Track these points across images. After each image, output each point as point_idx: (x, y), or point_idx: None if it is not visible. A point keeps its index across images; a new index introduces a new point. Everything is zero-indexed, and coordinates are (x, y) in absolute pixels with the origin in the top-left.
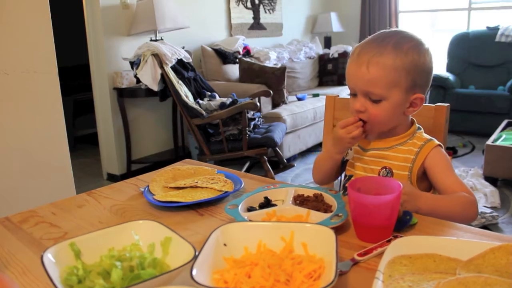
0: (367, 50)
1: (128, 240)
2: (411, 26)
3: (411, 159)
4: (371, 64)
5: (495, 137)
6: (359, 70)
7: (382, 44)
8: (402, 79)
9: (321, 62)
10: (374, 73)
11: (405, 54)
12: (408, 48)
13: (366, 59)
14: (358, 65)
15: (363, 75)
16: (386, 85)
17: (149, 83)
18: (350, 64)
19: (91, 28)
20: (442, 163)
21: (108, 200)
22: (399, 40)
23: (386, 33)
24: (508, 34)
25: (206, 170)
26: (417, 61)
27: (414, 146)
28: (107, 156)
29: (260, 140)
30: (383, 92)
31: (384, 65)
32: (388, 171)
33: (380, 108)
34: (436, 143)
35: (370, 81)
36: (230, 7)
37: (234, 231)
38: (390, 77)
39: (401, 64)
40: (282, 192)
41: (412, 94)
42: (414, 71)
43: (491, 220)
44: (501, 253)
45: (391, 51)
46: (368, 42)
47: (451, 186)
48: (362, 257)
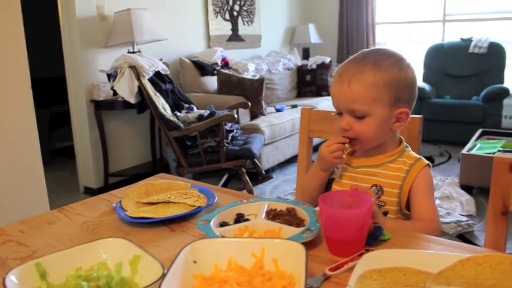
0: (348, 70)
1: (96, 259)
2: (388, 38)
3: (401, 177)
4: (352, 82)
5: (470, 146)
6: (341, 89)
7: (362, 62)
8: (384, 94)
9: (300, 73)
10: (356, 90)
11: (385, 71)
12: (388, 65)
13: (347, 78)
14: (340, 84)
15: (345, 93)
16: (368, 102)
17: (126, 96)
18: (333, 85)
19: (68, 39)
20: (425, 186)
21: (80, 217)
22: (379, 57)
23: (366, 52)
24: (480, 45)
25: (180, 184)
26: (398, 76)
27: (404, 164)
28: (84, 169)
29: (238, 152)
30: (366, 108)
31: (365, 82)
32: (379, 189)
33: (365, 124)
34: (425, 163)
35: (353, 99)
36: (208, 18)
37: (204, 248)
38: (372, 93)
39: (381, 80)
40: (255, 206)
41: (397, 108)
42: (395, 86)
43: (467, 228)
44: (470, 265)
45: (371, 69)
46: (349, 62)
47: (423, 211)
48: (333, 272)
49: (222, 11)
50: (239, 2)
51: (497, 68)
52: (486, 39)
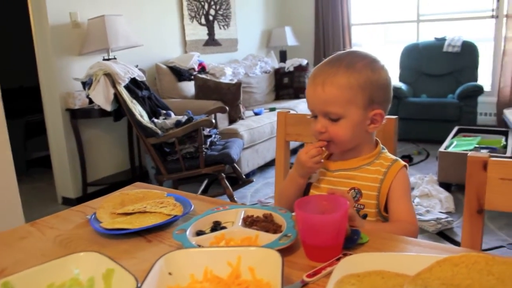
0: (322, 72)
1: (68, 274)
2: (364, 39)
3: (379, 179)
4: (326, 84)
5: (447, 144)
6: (315, 92)
7: (336, 65)
8: (358, 96)
9: (277, 76)
10: (329, 92)
11: (359, 72)
12: (361, 66)
13: (321, 81)
14: (314, 86)
15: (319, 95)
16: (342, 104)
17: (102, 103)
18: (307, 87)
19: (41, 47)
20: (402, 187)
21: (53, 231)
22: (353, 59)
23: (340, 54)
24: (454, 44)
25: (156, 193)
26: (372, 78)
27: (382, 166)
28: (61, 179)
29: (217, 157)
30: (340, 110)
31: (339, 85)
32: (357, 192)
33: (340, 126)
34: (402, 164)
35: (327, 101)
36: (184, 23)
37: (179, 258)
38: (346, 95)
39: (355, 82)
40: (232, 213)
41: (371, 110)
42: (369, 88)
43: (447, 225)
44: (447, 266)
45: (345, 71)
46: (323, 64)
47: (401, 213)
48: (311, 278)
49: (198, 15)
50: (215, 6)
51: (471, 67)
52: (459, 38)
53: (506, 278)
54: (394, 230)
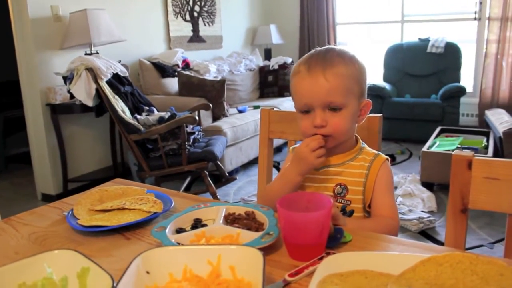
0: (317, 64)
1: (41, 273)
2: (348, 38)
3: (364, 174)
4: (327, 74)
5: (430, 144)
6: (316, 83)
7: (327, 56)
8: (354, 86)
9: (262, 74)
10: (333, 81)
11: (351, 63)
12: (349, 58)
13: (320, 71)
14: (314, 78)
15: (322, 86)
16: (344, 93)
17: (83, 99)
18: (302, 80)
19: (20, 41)
20: (385, 182)
21: (28, 227)
22: (339, 52)
23: (323, 48)
24: (437, 45)
25: (136, 190)
26: (359, 69)
27: (365, 161)
28: (41, 175)
29: (200, 155)
30: (343, 99)
31: (341, 74)
32: (343, 188)
33: (341, 116)
34: (384, 157)
35: (330, 90)
36: (168, 19)
37: (157, 257)
38: (347, 84)
39: (351, 73)
40: (213, 211)
41: (362, 101)
42: (360, 78)
43: (429, 225)
44: (431, 265)
45: (341, 61)
46: (313, 57)
47: (383, 208)
48: (293, 277)
49: (182, 11)
50: (200, 2)
51: (454, 67)
52: (443, 39)
53: (490, 278)
54: (375, 226)
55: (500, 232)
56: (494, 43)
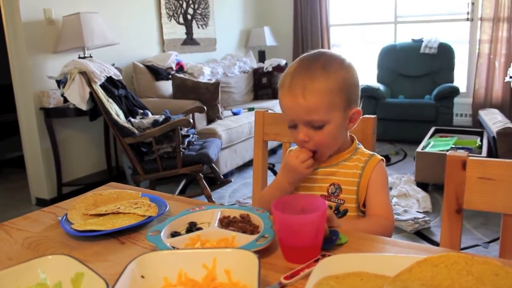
0: (297, 79)
1: (35, 279)
2: (342, 39)
3: (358, 174)
4: (306, 92)
5: (424, 144)
6: (295, 101)
7: (311, 69)
8: (338, 99)
9: (256, 76)
10: (311, 100)
11: (335, 74)
12: (336, 67)
13: (299, 89)
14: (293, 96)
15: (300, 105)
16: (325, 110)
17: (77, 102)
18: (283, 97)
19: (13, 45)
20: (380, 182)
21: (21, 233)
22: (326, 61)
23: (311, 56)
24: (431, 46)
25: (130, 194)
26: (346, 78)
27: (359, 161)
28: (35, 180)
29: (194, 157)
30: (324, 117)
31: (319, 91)
32: (337, 187)
33: (324, 133)
34: (379, 158)
35: (309, 109)
36: (162, 22)
37: (152, 261)
38: (328, 100)
39: (334, 85)
40: (208, 214)
41: (350, 110)
42: (346, 88)
43: (424, 225)
44: (426, 266)
45: (322, 75)
46: (296, 70)
47: (378, 207)
48: (289, 280)
49: (176, 14)
50: (193, 5)
51: (447, 68)
52: (436, 39)
53: (486, 278)
54: (369, 227)
55: (495, 231)
56: (487, 43)
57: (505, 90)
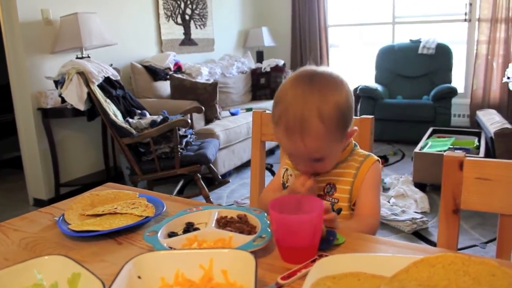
0: (294, 122)
1: (31, 280)
2: (340, 40)
3: (353, 174)
4: (305, 137)
5: (422, 145)
6: (294, 144)
7: (306, 110)
8: (337, 133)
9: (254, 76)
10: (310, 144)
11: (332, 109)
12: (331, 99)
13: (298, 135)
14: (291, 139)
15: (300, 148)
16: (325, 148)
17: (75, 103)
18: (281, 135)
19: (10, 45)
20: (371, 181)
21: (18, 233)
22: (321, 94)
23: (305, 86)
24: (429, 46)
25: (127, 194)
26: (343, 105)
27: (355, 161)
28: (32, 180)
29: (192, 158)
30: (324, 153)
31: (318, 135)
32: (332, 186)
33: (325, 162)
34: (375, 159)
35: (310, 151)
36: (160, 23)
37: (149, 261)
38: (327, 141)
39: (331, 124)
40: (205, 214)
41: (346, 133)
42: (342, 117)
43: (422, 225)
44: (423, 266)
45: (318, 116)
46: (290, 107)
47: (365, 206)
48: (286, 280)
49: (174, 15)
50: (191, 5)
51: (445, 68)
52: (434, 40)
53: (483, 279)
54: (356, 226)
55: (492, 232)
56: (485, 44)
57: (502, 91)
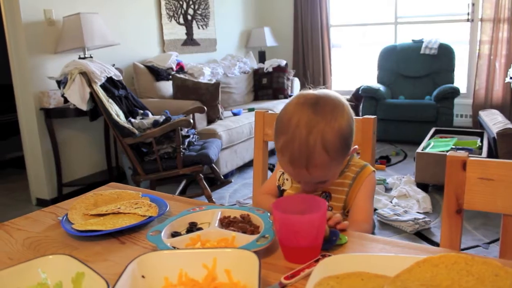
0: (299, 156)
1: (35, 279)
2: (342, 40)
3: (348, 184)
4: (310, 168)
5: (424, 145)
6: (299, 173)
7: (310, 142)
8: (339, 159)
9: (256, 76)
10: (315, 173)
11: (335, 137)
12: (334, 127)
13: (303, 166)
14: (297, 170)
15: (305, 176)
16: (329, 173)
17: (78, 103)
18: (285, 165)
19: (13, 45)
20: (366, 191)
21: (22, 233)
22: (324, 124)
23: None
24: (431, 46)
25: (130, 194)
26: (345, 131)
27: (351, 172)
28: (35, 180)
29: (195, 158)
30: (327, 178)
31: (322, 164)
32: (327, 195)
33: (327, 183)
34: (371, 170)
35: (314, 178)
36: (162, 23)
37: (153, 261)
38: (331, 167)
39: (335, 153)
40: (208, 214)
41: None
42: (345, 143)
43: (424, 226)
44: (426, 266)
45: (323, 147)
46: (294, 139)
47: (359, 212)
48: (289, 280)
49: (176, 15)
50: (193, 6)
51: (447, 69)
52: (436, 40)
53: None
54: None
55: (495, 232)
56: (487, 44)
57: (505, 91)
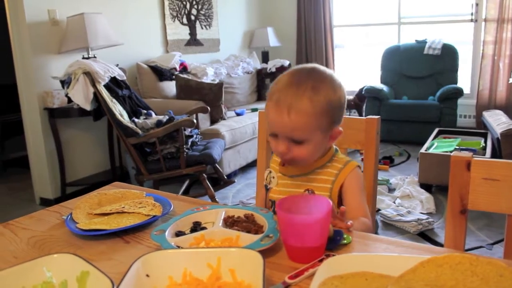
0: (286, 97)
1: (40, 277)
2: (346, 40)
3: (331, 181)
4: (291, 111)
5: (427, 145)
6: (280, 117)
7: (300, 88)
8: (321, 121)
9: (259, 76)
10: (296, 120)
11: (323, 96)
12: (325, 89)
13: (286, 106)
14: (279, 111)
15: (285, 122)
16: (308, 130)
17: (81, 103)
18: (270, 109)
19: (18, 45)
20: (354, 186)
21: (26, 232)
22: (316, 81)
23: (302, 72)
24: (434, 47)
25: (134, 193)
26: (333, 100)
27: (334, 168)
28: (39, 179)
29: (198, 158)
30: (305, 136)
31: (305, 112)
32: (310, 192)
33: (303, 148)
34: (355, 165)
35: (292, 127)
36: (165, 23)
37: (157, 260)
38: (311, 122)
39: (319, 108)
40: (212, 213)
41: (331, 130)
42: (331, 110)
43: (428, 226)
44: (431, 266)
45: (310, 97)
46: (286, 85)
47: (357, 209)
48: (293, 280)
49: (180, 15)
50: (197, 6)
51: (451, 69)
52: (440, 41)
53: (490, 279)
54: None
55: (499, 233)
56: (491, 44)
57: (509, 92)
